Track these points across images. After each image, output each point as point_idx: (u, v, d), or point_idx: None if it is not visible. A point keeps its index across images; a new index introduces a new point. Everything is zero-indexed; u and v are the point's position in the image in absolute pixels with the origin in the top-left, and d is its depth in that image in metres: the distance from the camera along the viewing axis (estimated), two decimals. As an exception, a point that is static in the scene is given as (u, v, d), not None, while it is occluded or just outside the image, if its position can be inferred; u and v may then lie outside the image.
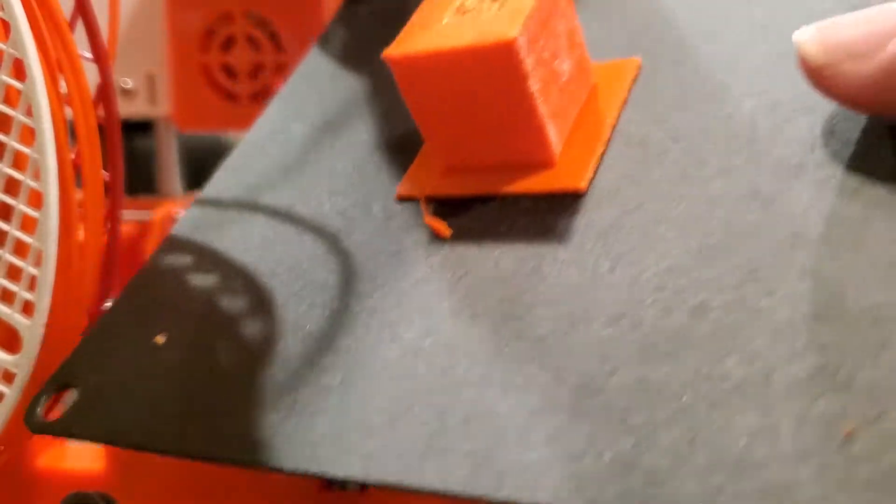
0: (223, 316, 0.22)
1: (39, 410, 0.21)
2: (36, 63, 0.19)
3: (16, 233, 0.20)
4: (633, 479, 0.15)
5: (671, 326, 0.18)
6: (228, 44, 0.41)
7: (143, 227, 0.43)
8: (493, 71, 0.20)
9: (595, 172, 0.21)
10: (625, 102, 0.23)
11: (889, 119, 0.18)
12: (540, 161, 0.22)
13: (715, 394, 0.16)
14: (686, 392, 0.16)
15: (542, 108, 0.21)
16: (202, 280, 0.24)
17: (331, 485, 0.26)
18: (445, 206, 0.23)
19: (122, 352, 0.22)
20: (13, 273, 0.21)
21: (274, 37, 0.40)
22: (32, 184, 0.20)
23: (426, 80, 0.21)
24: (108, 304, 0.29)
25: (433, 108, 0.22)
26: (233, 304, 0.23)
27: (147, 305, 0.23)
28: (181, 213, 0.43)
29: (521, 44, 0.20)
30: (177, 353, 0.22)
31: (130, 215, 0.44)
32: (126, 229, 0.44)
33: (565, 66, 0.22)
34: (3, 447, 0.23)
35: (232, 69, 0.41)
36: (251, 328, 0.22)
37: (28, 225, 0.20)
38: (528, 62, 0.20)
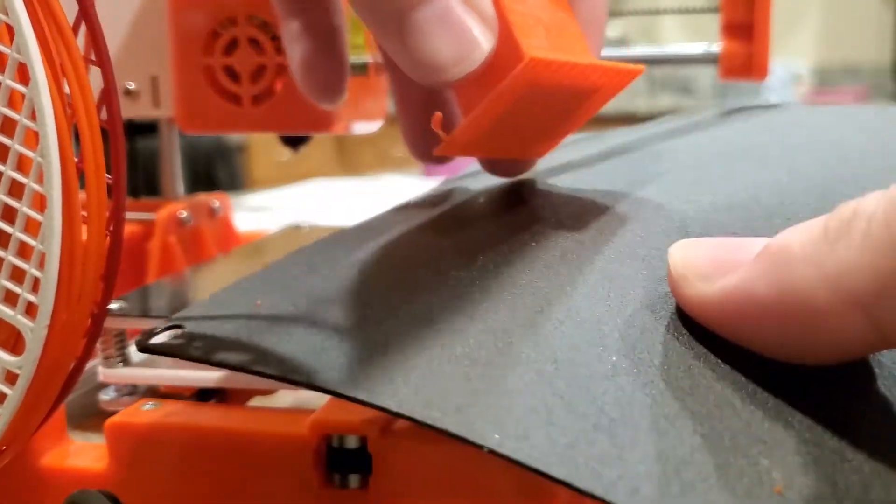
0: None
1: (151, 340, 0.24)
2: (39, 66, 0.20)
3: (19, 235, 0.21)
4: None
5: None
6: (231, 47, 0.41)
7: (146, 228, 0.44)
8: None
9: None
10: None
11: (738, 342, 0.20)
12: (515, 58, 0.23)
13: None
14: None
15: (515, 23, 0.23)
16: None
17: (331, 482, 0.26)
18: None
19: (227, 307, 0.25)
20: (17, 275, 0.21)
21: (276, 40, 0.40)
22: (36, 187, 0.20)
23: None
24: (113, 305, 0.30)
25: None
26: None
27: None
28: (184, 214, 0.43)
29: None
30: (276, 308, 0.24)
31: (134, 216, 0.44)
32: (129, 229, 0.44)
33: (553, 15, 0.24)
34: (5, 447, 0.23)
35: (235, 72, 0.41)
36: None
37: (31, 227, 0.21)
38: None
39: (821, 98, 2.90)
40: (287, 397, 0.41)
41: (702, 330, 0.20)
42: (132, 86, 0.43)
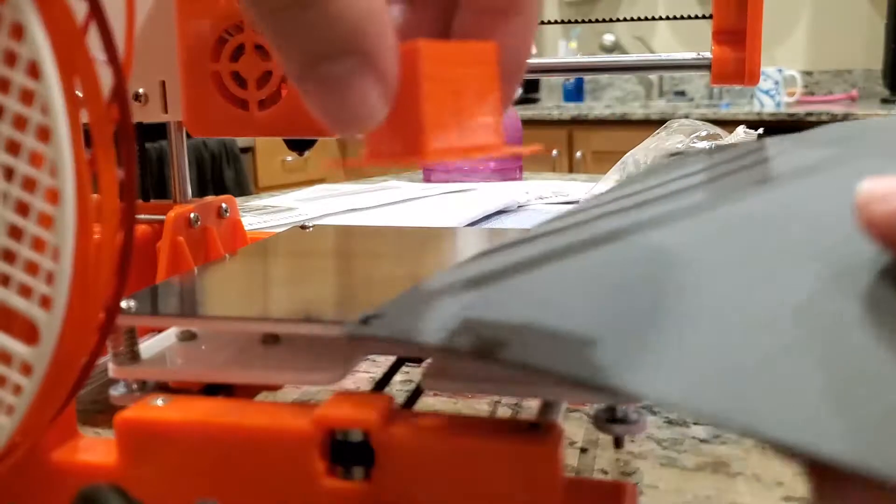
0: None
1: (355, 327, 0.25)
2: (50, 62, 0.20)
3: (34, 228, 0.21)
4: None
5: None
6: (238, 53, 0.42)
7: (156, 228, 0.44)
8: (405, 69, 0.24)
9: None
10: None
11: None
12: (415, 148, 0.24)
13: None
14: None
15: (426, 108, 0.24)
16: None
17: (336, 474, 0.27)
18: None
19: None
20: (32, 268, 0.22)
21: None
22: (49, 181, 0.21)
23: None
24: (123, 302, 0.30)
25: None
26: None
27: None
28: (192, 215, 0.44)
29: (423, 52, 0.23)
30: None
31: (145, 217, 0.45)
32: (140, 229, 0.45)
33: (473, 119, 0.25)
34: (22, 438, 0.24)
35: (241, 77, 0.42)
36: None
37: (45, 221, 0.21)
38: (426, 69, 0.24)
39: (812, 101, 2.91)
40: (293, 392, 0.41)
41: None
42: (141, 91, 0.44)
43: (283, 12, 0.22)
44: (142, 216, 0.45)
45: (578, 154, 2.93)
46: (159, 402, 0.29)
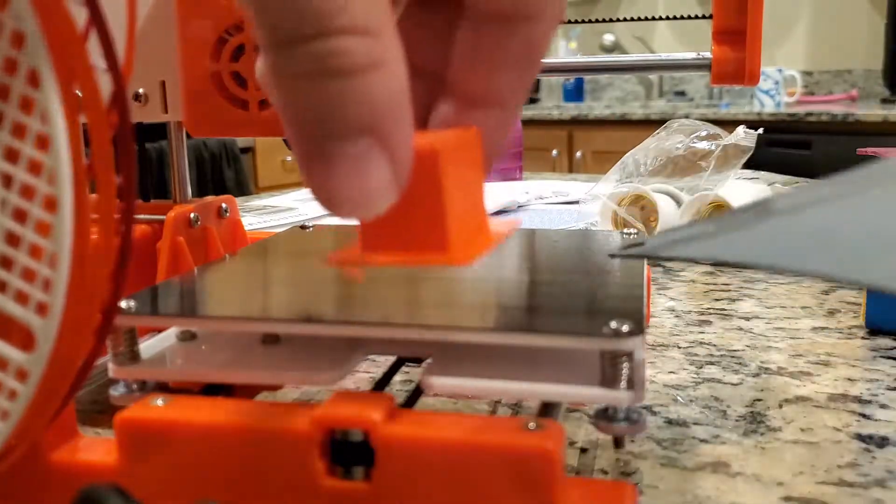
0: None
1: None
2: (49, 70, 0.20)
3: (31, 236, 0.21)
4: None
5: None
6: (238, 52, 0.42)
7: (156, 229, 0.44)
8: (421, 169, 0.23)
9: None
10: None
11: None
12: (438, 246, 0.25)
13: None
14: None
15: (448, 206, 0.24)
16: None
17: (336, 474, 0.27)
18: None
19: None
20: (29, 275, 0.22)
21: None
22: (47, 188, 0.21)
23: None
24: (123, 303, 0.30)
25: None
26: None
27: None
28: (192, 215, 0.44)
29: (442, 154, 0.24)
30: None
31: (145, 218, 0.45)
32: (140, 229, 0.45)
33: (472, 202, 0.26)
34: (16, 442, 0.24)
35: (241, 77, 0.42)
36: None
37: (43, 228, 0.21)
38: (445, 170, 0.24)
39: (812, 101, 2.92)
40: (293, 392, 0.42)
41: None
42: (141, 91, 0.44)
43: (303, 80, 0.20)
44: (142, 216, 0.45)
45: (578, 154, 2.93)
46: (159, 402, 0.29)
